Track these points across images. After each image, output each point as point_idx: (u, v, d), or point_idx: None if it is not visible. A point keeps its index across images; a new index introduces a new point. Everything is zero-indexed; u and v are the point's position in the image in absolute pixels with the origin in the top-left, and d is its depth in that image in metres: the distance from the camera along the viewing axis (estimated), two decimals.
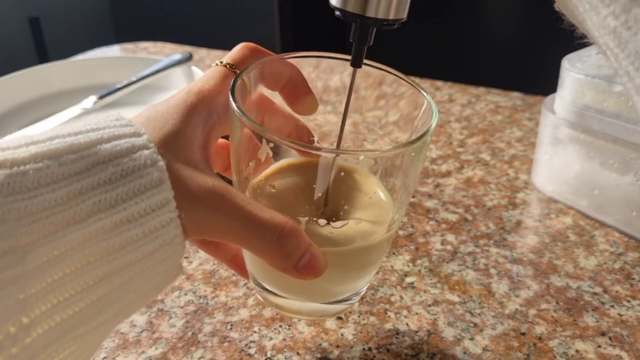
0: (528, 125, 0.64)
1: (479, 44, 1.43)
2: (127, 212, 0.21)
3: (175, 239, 0.23)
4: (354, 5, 0.27)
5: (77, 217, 0.20)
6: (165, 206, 0.22)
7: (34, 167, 0.20)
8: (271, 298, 0.32)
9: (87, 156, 0.21)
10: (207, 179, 0.24)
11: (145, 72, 0.67)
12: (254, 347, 0.35)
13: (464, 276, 0.41)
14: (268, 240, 0.24)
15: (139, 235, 0.22)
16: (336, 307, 0.32)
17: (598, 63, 0.47)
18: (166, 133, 0.24)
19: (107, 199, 0.21)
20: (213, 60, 0.85)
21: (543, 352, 0.34)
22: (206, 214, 0.23)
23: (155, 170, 0.22)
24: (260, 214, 0.24)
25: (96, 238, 0.21)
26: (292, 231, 0.25)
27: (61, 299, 0.20)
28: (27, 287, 0.19)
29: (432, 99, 0.30)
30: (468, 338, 0.36)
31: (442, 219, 0.47)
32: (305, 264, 0.25)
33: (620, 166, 0.44)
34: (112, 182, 0.21)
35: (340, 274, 0.30)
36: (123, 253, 0.21)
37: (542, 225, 0.47)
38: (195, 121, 0.26)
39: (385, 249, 0.32)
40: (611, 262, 0.42)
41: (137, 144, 0.23)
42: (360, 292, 0.33)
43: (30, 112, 0.66)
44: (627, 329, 0.36)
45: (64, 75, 0.71)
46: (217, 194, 0.24)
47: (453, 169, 0.55)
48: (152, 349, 0.35)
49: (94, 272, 0.21)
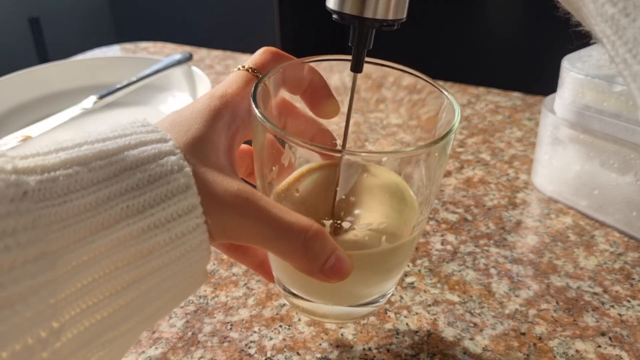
0: (528, 125, 0.64)
1: (479, 44, 1.43)
2: (155, 217, 0.22)
3: (202, 245, 0.23)
4: (352, 7, 0.26)
5: (106, 223, 0.21)
6: (192, 212, 0.22)
7: (63, 174, 0.20)
8: (298, 302, 0.31)
9: (115, 162, 0.22)
10: (233, 183, 0.24)
11: (145, 72, 0.67)
12: (254, 347, 0.35)
13: (464, 276, 0.41)
14: (294, 243, 0.24)
15: (166, 241, 0.22)
16: (363, 309, 0.32)
17: (598, 63, 0.47)
18: (191, 137, 0.25)
19: (135, 205, 0.21)
20: (213, 60, 0.85)
21: (543, 352, 0.34)
22: (232, 217, 0.24)
23: (182, 176, 0.23)
24: (286, 217, 0.24)
25: (124, 244, 0.21)
26: (317, 234, 0.25)
27: (90, 304, 0.21)
28: (58, 292, 0.19)
29: (453, 97, 0.29)
30: (468, 338, 0.36)
31: (442, 219, 0.47)
32: (331, 266, 0.25)
33: (620, 166, 0.44)
34: (139, 188, 0.22)
35: (366, 276, 0.30)
36: (150, 259, 0.22)
37: (542, 225, 0.47)
38: (219, 125, 0.26)
39: (410, 250, 0.31)
40: (611, 262, 0.42)
41: (163, 149, 0.23)
42: (387, 294, 0.32)
43: (30, 112, 0.66)
44: (627, 329, 0.36)
45: (64, 75, 0.71)
46: (242, 198, 0.24)
47: (453, 169, 0.55)
48: (152, 349, 0.35)
49: (122, 277, 0.21)
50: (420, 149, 0.27)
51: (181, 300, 0.25)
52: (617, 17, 0.20)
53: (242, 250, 0.32)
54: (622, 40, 0.20)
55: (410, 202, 0.32)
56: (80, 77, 0.71)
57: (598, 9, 0.20)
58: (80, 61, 0.74)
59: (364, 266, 0.29)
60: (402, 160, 0.31)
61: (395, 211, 0.32)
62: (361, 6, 0.26)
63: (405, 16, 0.28)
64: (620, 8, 0.19)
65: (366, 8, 0.26)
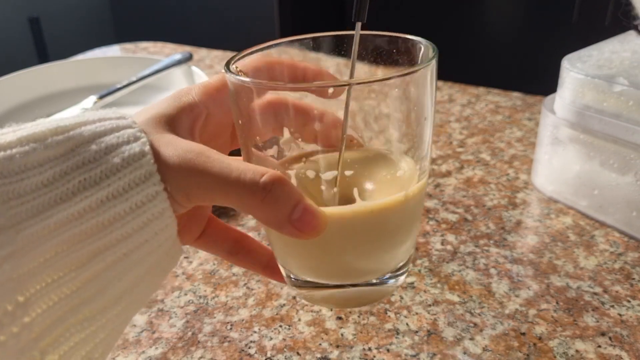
0: (528, 125, 0.64)
1: (479, 44, 1.43)
2: (112, 187, 0.22)
3: (164, 212, 0.23)
4: None
5: (64, 197, 0.21)
6: (149, 179, 0.22)
7: (20, 151, 0.21)
8: (314, 293, 0.30)
9: (72, 137, 0.22)
10: (185, 142, 0.24)
11: (145, 72, 0.67)
12: (254, 347, 0.35)
13: (464, 276, 0.41)
14: (249, 186, 0.23)
15: (126, 211, 0.22)
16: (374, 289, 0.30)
17: (598, 63, 0.47)
18: (151, 115, 0.25)
19: (92, 177, 0.21)
20: (213, 60, 0.85)
21: (543, 352, 0.34)
22: (187, 175, 0.23)
23: (137, 146, 0.23)
24: (240, 164, 0.24)
25: (84, 216, 0.21)
26: (275, 176, 0.23)
27: (55, 277, 0.21)
28: (20, 266, 0.20)
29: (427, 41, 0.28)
30: (468, 338, 0.36)
31: (442, 219, 0.47)
32: (299, 217, 0.24)
33: (620, 166, 0.44)
34: (95, 160, 0.22)
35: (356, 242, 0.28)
36: (112, 229, 0.22)
37: (542, 225, 0.47)
38: (180, 106, 0.26)
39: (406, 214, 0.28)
40: (611, 262, 0.42)
41: (121, 124, 0.23)
42: (398, 275, 0.30)
43: (30, 112, 0.66)
44: (627, 329, 0.36)
45: (64, 75, 0.71)
46: (194, 152, 0.23)
47: (453, 169, 0.55)
48: (152, 349, 0.35)
49: (85, 249, 0.21)
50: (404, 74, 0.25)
51: (159, 277, 0.25)
52: None
53: (244, 251, 0.31)
54: None
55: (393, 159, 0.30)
56: (80, 77, 0.71)
57: None
58: (80, 61, 0.74)
59: (348, 228, 0.27)
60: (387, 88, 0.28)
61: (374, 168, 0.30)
62: None
63: None
64: None
65: None
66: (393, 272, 0.30)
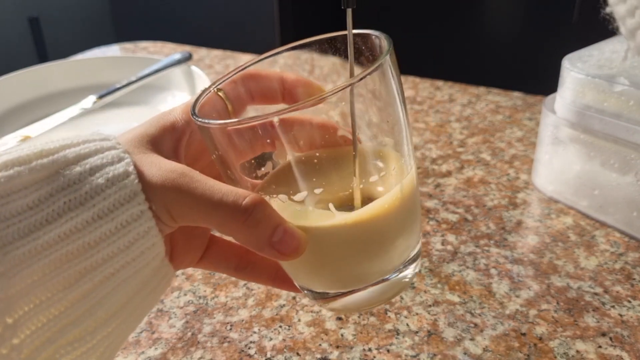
0: (528, 125, 0.64)
1: (479, 44, 1.43)
2: (97, 208, 0.22)
3: (149, 231, 0.23)
4: None
5: (50, 218, 0.21)
6: (133, 199, 0.23)
7: (5, 175, 0.21)
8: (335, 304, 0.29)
9: (56, 160, 0.22)
10: (168, 163, 0.24)
11: (145, 72, 0.67)
12: (254, 347, 0.35)
13: (464, 276, 0.41)
14: (230, 209, 0.23)
15: (111, 230, 0.22)
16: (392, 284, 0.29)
17: (599, 63, 0.47)
18: (134, 135, 0.25)
19: (77, 198, 0.22)
20: (213, 60, 0.85)
21: (543, 352, 0.34)
22: (170, 195, 0.23)
23: (121, 166, 0.23)
24: (222, 187, 0.24)
25: (70, 237, 0.21)
26: (255, 200, 0.24)
27: (43, 298, 0.21)
28: (8, 288, 0.20)
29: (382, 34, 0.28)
30: (468, 338, 0.35)
31: (443, 219, 0.47)
32: (280, 239, 0.24)
33: (621, 166, 0.44)
34: (80, 181, 0.22)
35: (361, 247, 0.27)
36: (98, 249, 0.22)
37: (542, 225, 0.47)
38: (163, 125, 0.26)
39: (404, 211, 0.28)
40: (612, 262, 0.42)
41: (105, 145, 0.23)
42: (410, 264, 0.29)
43: (30, 112, 0.65)
44: (627, 329, 0.36)
45: (63, 75, 0.71)
46: (177, 172, 0.24)
47: (453, 169, 0.55)
48: (152, 349, 0.35)
49: (73, 269, 0.21)
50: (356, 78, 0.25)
51: (151, 297, 0.25)
52: None
53: (250, 265, 0.31)
54: None
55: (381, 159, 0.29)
56: (80, 76, 0.71)
57: None
58: (80, 61, 0.74)
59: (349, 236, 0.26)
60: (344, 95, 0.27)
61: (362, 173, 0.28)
62: None
63: None
64: None
65: None
66: (405, 264, 0.29)
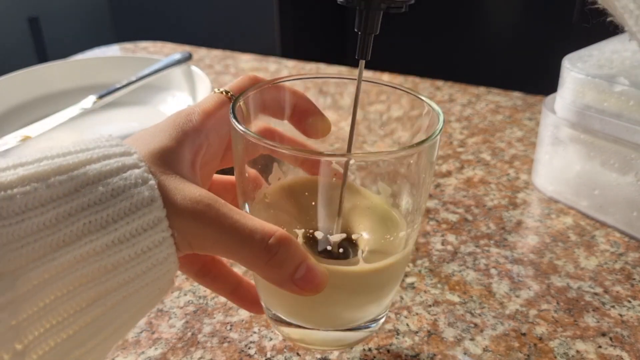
0: (528, 125, 0.64)
1: (479, 43, 1.43)
2: (119, 232, 0.21)
3: (168, 258, 0.23)
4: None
5: (67, 240, 0.20)
6: (157, 225, 0.22)
7: (21, 191, 0.20)
8: (287, 330, 0.31)
9: (76, 177, 0.21)
10: (194, 190, 0.23)
11: (145, 72, 0.67)
12: (254, 347, 0.35)
13: (465, 276, 0.41)
14: (257, 249, 0.23)
15: (131, 256, 0.21)
16: (353, 334, 0.31)
17: (599, 63, 0.47)
18: (154, 148, 0.24)
19: (98, 220, 0.21)
20: (213, 59, 0.85)
21: (543, 352, 0.34)
22: (194, 225, 0.23)
23: (146, 189, 0.22)
24: (249, 223, 0.23)
25: (87, 260, 0.20)
26: (282, 238, 0.23)
27: (54, 322, 0.20)
28: (19, 313, 0.19)
29: (436, 104, 0.28)
30: (468, 338, 0.35)
31: (443, 219, 0.47)
32: (302, 276, 0.24)
33: (621, 166, 0.44)
34: (102, 202, 0.21)
35: (347, 296, 0.29)
36: (115, 274, 0.21)
37: (542, 225, 0.47)
38: (182, 139, 0.26)
39: (397, 272, 0.30)
40: (612, 262, 0.42)
41: (127, 163, 0.22)
42: (379, 319, 0.31)
43: (30, 112, 0.65)
44: (627, 329, 0.36)
45: (63, 75, 0.71)
46: (203, 203, 0.23)
47: (453, 169, 0.55)
48: (152, 349, 0.35)
49: (87, 293, 0.21)
50: (401, 151, 0.26)
51: (148, 311, 0.24)
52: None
53: (212, 275, 0.31)
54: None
55: (394, 221, 0.30)
56: (80, 76, 0.71)
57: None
58: (80, 61, 0.74)
59: (343, 285, 0.28)
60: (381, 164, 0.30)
61: (376, 229, 0.30)
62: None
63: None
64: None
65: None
66: (375, 318, 0.31)
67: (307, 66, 0.81)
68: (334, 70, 0.80)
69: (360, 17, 0.26)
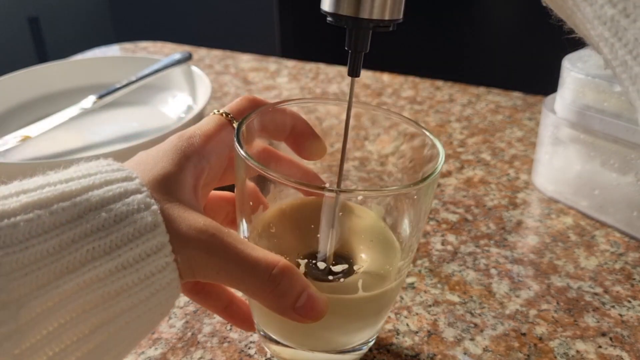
0: (528, 125, 0.64)
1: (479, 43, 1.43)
2: (123, 258, 0.21)
3: (171, 283, 0.23)
4: (347, 8, 0.26)
5: (71, 267, 0.20)
6: (161, 250, 0.22)
7: (24, 218, 0.20)
8: (277, 349, 0.31)
9: (78, 203, 0.21)
10: (199, 219, 0.24)
11: (145, 72, 0.67)
12: (254, 347, 0.35)
13: (465, 276, 0.41)
14: (260, 279, 0.24)
15: (134, 282, 0.21)
16: (343, 357, 0.31)
17: (599, 63, 0.47)
18: (156, 174, 0.24)
19: (102, 246, 0.21)
20: (213, 60, 0.85)
21: (543, 352, 0.34)
22: (198, 254, 0.23)
23: (149, 215, 0.22)
24: (253, 253, 0.24)
25: (91, 286, 0.20)
26: (285, 269, 0.24)
27: (57, 350, 0.20)
28: (22, 342, 0.19)
29: (439, 141, 0.29)
30: (468, 338, 0.35)
31: (443, 219, 0.47)
32: (303, 305, 0.24)
33: (621, 166, 0.44)
34: (105, 228, 0.21)
35: (342, 322, 0.29)
36: (119, 300, 0.21)
37: (542, 225, 0.47)
38: (185, 164, 0.26)
39: (392, 298, 0.31)
40: (612, 262, 0.42)
41: (129, 188, 0.22)
42: (370, 342, 0.32)
43: (30, 112, 0.65)
44: (627, 329, 0.36)
45: (63, 75, 0.71)
46: (208, 233, 0.23)
47: (453, 169, 0.55)
48: (152, 349, 0.35)
49: (90, 320, 0.21)
50: (402, 189, 0.27)
51: (146, 336, 0.24)
52: (617, 18, 0.19)
53: (205, 292, 0.31)
54: (622, 42, 0.19)
55: (393, 246, 0.31)
56: (80, 77, 0.71)
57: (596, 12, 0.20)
58: (80, 61, 0.74)
59: (340, 312, 0.28)
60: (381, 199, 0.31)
61: (375, 255, 0.31)
62: (357, 6, 0.25)
63: (401, 16, 0.27)
64: (620, 9, 0.19)
65: (362, 8, 0.25)
66: (367, 341, 0.32)
67: (307, 66, 0.81)
68: (334, 70, 0.80)
69: (350, 36, 0.27)
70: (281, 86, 0.75)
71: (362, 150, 0.37)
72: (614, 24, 0.19)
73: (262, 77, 0.78)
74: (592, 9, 0.20)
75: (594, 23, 0.20)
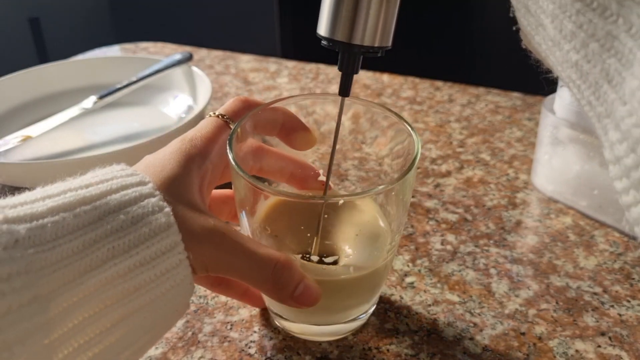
0: (528, 125, 0.64)
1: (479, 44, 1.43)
2: (140, 256, 0.23)
3: (185, 279, 0.25)
4: (341, 34, 0.29)
5: (94, 264, 0.22)
6: (174, 248, 0.24)
7: (51, 220, 0.22)
8: (286, 324, 0.35)
9: (99, 207, 0.23)
10: (209, 219, 0.26)
11: (145, 72, 0.67)
12: (254, 347, 0.35)
13: (464, 276, 0.41)
14: (265, 274, 0.27)
15: (151, 278, 0.23)
16: (347, 326, 0.35)
17: None
18: (166, 177, 0.27)
19: (121, 245, 0.23)
20: (213, 60, 0.85)
21: (543, 352, 0.34)
22: (209, 251, 0.26)
23: (162, 216, 0.24)
24: (258, 250, 0.27)
25: (112, 283, 0.22)
26: (285, 265, 0.27)
27: (82, 342, 0.22)
28: (51, 333, 0.21)
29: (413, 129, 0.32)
30: (468, 338, 0.36)
31: (442, 219, 0.47)
32: (300, 294, 0.28)
33: None
34: (123, 229, 0.23)
35: (340, 301, 0.33)
36: (137, 295, 0.23)
37: (542, 225, 0.47)
38: (190, 166, 0.28)
39: (386, 272, 0.34)
40: (611, 262, 0.42)
41: (144, 192, 0.25)
42: (369, 311, 0.36)
43: (30, 112, 0.66)
44: (627, 328, 0.36)
45: (64, 75, 0.71)
46: (219, 233, 0.26)
47: (453, 169, 0.55)
48: (152, 349, 0.35)
49: (112, 315, 0.22)
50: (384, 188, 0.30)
51: (164, 333, 0.26)
52: (580, 63, 0.21)
53: (225, 284, 0.34)
54: (585, 84, 0.21)
55: (384, 228, 0.34)
56: (80, 77, 0.71)
57: (564, 56, 0.22)
58: (80, 61, 0.74)
59: (335, 291, 0.32)
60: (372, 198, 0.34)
61: (367, 239, 0.34)
62: (350, 33, 0.28)
63: (390, 44, 0.30)
64: (582, 55, 0.21)
65: (354, 35, 0.28)
66: (366, 311, 0.36)
67: (307, 66, 0.81)
68: (334, 70, 0.80)
69: (342, 59, 0.30)
70: (281, 86, 0.75)
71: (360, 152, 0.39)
72: (579, 68, 0.21)
73: (262, 78, 0.78)
74: (560, 54, 0.22)
75: (564, 66, 0.23)
